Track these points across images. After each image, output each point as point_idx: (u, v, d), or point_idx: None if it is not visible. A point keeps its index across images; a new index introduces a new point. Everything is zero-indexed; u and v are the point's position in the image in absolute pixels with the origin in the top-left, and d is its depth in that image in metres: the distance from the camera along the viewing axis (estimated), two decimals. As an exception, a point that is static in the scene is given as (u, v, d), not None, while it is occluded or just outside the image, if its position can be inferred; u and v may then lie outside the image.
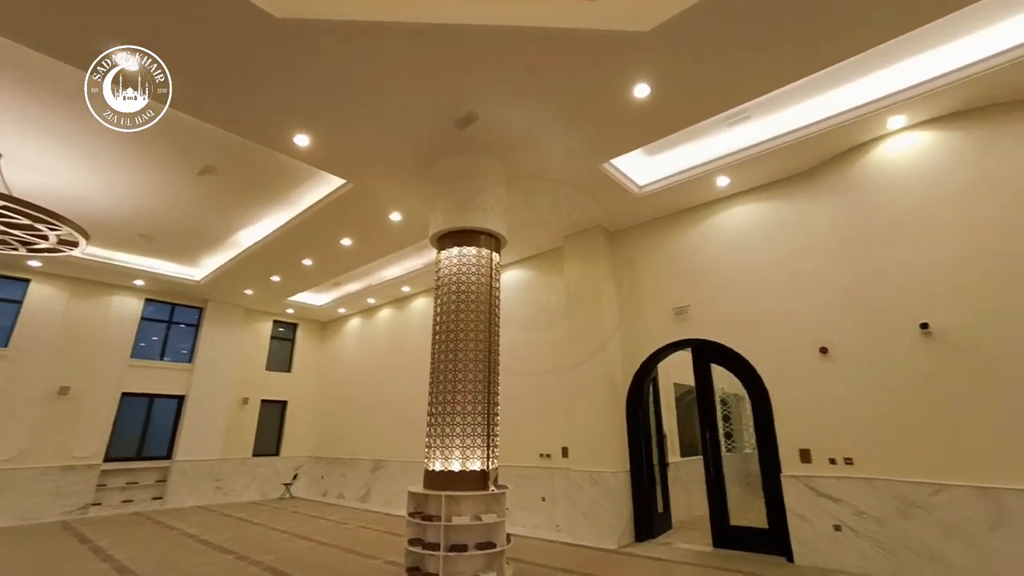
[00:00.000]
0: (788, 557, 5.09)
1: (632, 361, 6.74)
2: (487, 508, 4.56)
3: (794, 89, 4.82)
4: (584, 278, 7.13)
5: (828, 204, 5.50)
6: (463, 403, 4.73)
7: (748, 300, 5.88)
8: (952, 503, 4.20)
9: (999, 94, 4.56)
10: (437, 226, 5.37)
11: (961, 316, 4.42)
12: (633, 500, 6.29)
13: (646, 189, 6.28)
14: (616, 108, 4.67)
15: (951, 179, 4.71)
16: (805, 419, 5.25)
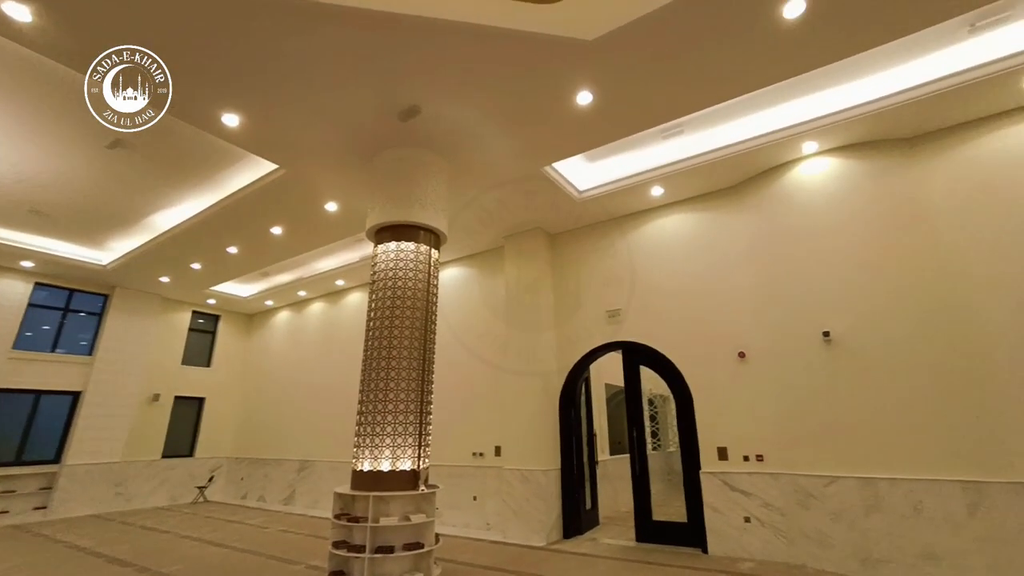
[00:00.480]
0: (703, 548, 5.41)
1: (566, 361, 6.90)
2: (417, 508, 4.49)
3: (723, 109, 5.14)
4: (523, 279, 7.21)
5: (749, 219, 5.92)
6: (395, 402, 4.63)
7: (676, 306, 6.20)
8: (840, 493, 4.65)
9: (891, 130, 5.10)
10: (375, 219, 5.21)
11: (853, 325, 4.90)
12: (562, 497, 6.43)
13: (586, 194, 6.44)
14: (559, 113, 4.76)
15: (849, 202, 5.21)
16: (723, 419, 5.61)
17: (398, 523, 4.26)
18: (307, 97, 4.57)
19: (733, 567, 4.91)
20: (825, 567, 4.65)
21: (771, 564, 4.92)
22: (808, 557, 4.79)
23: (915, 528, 4.29)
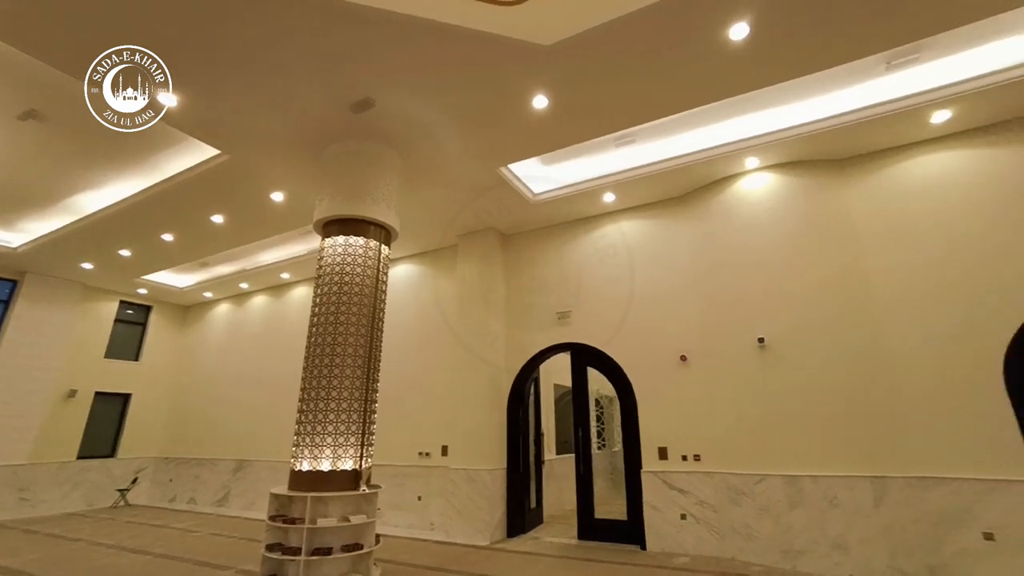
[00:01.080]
0: (642, 545, 5.60)
1: (516, 361, 6.96)
2: (357, 509, 4.39)
3: (673, 121, 5.35)
4: (475, 278, 7.21)
5: (694, 228, 6.19)
6: (338, 400, 4.50)
7: (624, 310, 6.39)
8: (768, 490, 4.95)
9: (823, 152, 5.49)
10: (323, 212, 5.06)
11: (784, 333, 5.23)
12: (507, 497, 6.47)
13: (540, 197, 6.53)
14: (516, 115, 4.81)
15: (784, 217, 5.57)
16: (665, 420, 5.83)
17: (337, 524, 4.15)
18: (254, 82, 4.37)
19: (668, 562, 5.11)
20: (751, 559, 4.94)
21: (703, 558, 5.16)
22: (736, 550, 5.07)
23: (830, 520, 4.63)
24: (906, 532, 4.43)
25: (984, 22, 4.11)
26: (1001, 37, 4.43)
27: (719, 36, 3.88)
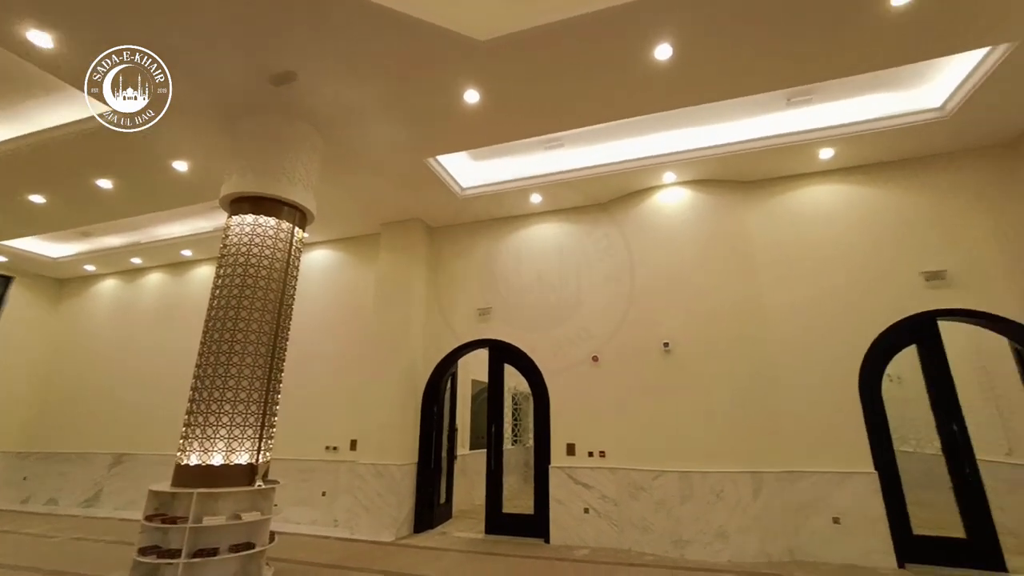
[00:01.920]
0: (546, 539, 5.77)
1: (434, 355, 6.88)
2: (252, 505, 4.12)
3: (600, 130, 5.58)
4: (397, 269, 7.03)
5: (614, 235, 6.46)
6: (236, 389, 4.19)
7: (543, 309, 6.55)
8: (664, 485, 5.31)
9: (731, 173, 5.97)
10: (232, 187, 4.68)
11: (685, 339, 5.62)
12: (417, 492, 6.39)
13: (468, 192, 6.51)
14: (447, 107, 4.75)
15: (693, 231, 5.98)
16: (575, 417, 6.05)
17: (227, 522, 3.86)
18: (154, 37, 3.92)
19: (569, 554, 5.32)
20: (645, 550, 5.27)
21: (603, 550, 5.42)
22: (633, 542, 5.38)
23: (715, 512, 5.06)
24: (774, 520, 4.96)
25: (862, 77, 4.69)
26: (876, 92, 5.09)
27: (645, 55, 4.09)
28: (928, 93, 4.98)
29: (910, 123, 5.05)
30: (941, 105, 4.92)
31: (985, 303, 5.01)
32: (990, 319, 5.01)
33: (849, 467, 5.00)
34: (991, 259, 5.14)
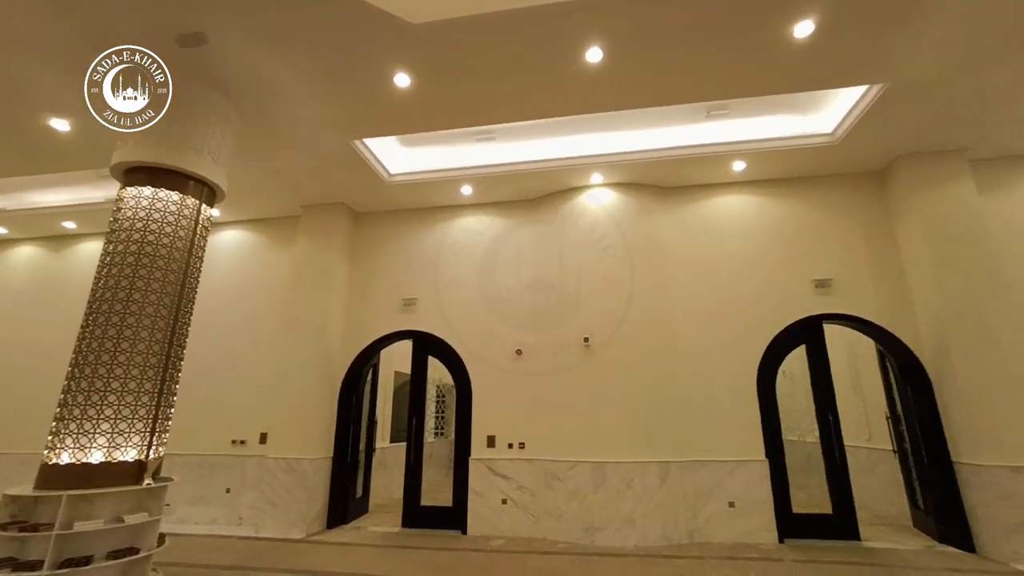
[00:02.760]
0: (463, 530, 5.79)
1: (355, 346, 6.65)
2: (138, 506, 3.74)
3: (532, 126, 5.64)
4: (317, 254, 6.69)
5: (542, 232, 6.56)
6: (124, 379, 3.78)
7: (468, 302, 6.53)
8: (578, 475, 5.51)
9: (653, 178, 6.27)
10: (127, 155, 4.19)
11: (603, 335, 5.85)
12: (331, 486, 6.16)
13: (396, 178, 6.32)
14: (377, 89, 4.57)
15: (615, 231, 6.20)
16: (497, 410, 6.10)
17: (105, 526, 3.48)
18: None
19: (485, 545, 5.38)
20: (558, 538, 5.44)
21: (518, 539, 5.53)
22: (547, 531, 5.54)
23: (624, 500, 5.33)
24: (676, 506, 5.33)
25: (772, 98, 5.11)
26: (783, 112, 5.56)
27: (577, 56, 4.17)
28: (823, 119, 5.51)
29: (807, 144, 5.57)
30: (832, 131, 5.47)
31: (857, 309, 5.68)
32: (860, 323, 5.68)
33: (744, 456, 5.47)
34: (862, 270, 5.82)
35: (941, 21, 3.87)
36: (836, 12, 3.78)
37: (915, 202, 5.59)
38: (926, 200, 5.54)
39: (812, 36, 3.99)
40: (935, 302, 5.31)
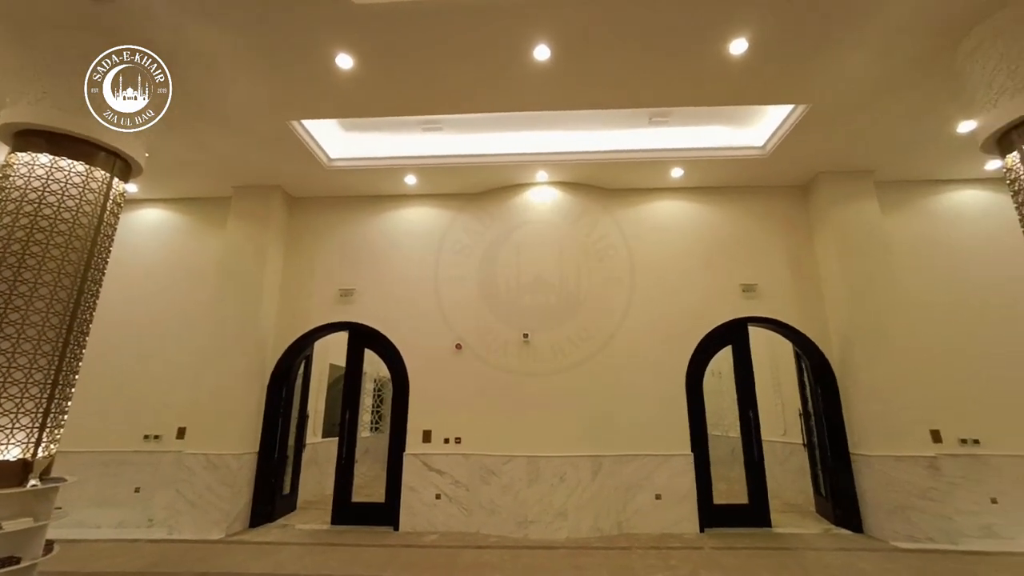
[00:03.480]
0: (395, 526, 5.69)
1: (287, 336, 6.34)
2: (22, 510, 3.37)
3: (480, 119, 5.58)
4: (249, 238, 6.31)
5: (486, 227, 6.52)
6: (7, 368, 3.38)
7: (409, 294, 6.40)
8: (513, 469, 5.55)
9: (596, 179, 6.39)
10: (17, 116, 3.74)
11: (541, 331, 5.92)
12: (256, 483, 5.85)
13: (336, 163, 6.06)
14: (317, 69, 4.35)
15: (554, 229, 6.29)
16: (434, 404, 6.03)
17: (-21, 534, 3.11)
18: None
19: (417, 540, 5.31)
20: (491, 532, 5.47)
21: (452, 534, 5.50)
22: (481, 525, 5.55)
23: (557, 493, 5.43)
24: (608, 498, 5.50)
25: (710, 109, 5.35)
26: (720, 124, 5.84)
27: (523, 51, 4.15)
28: (756, 133, 5.84)
29: (740, 156, 5.88)
30: (763, 145, 5.80)
31: (778, 313, 6.09)
32: (780, 326, 6.10)
33: (672, 450, 5.72)
34: (785, 277, 6.25)
35: (855, 53, 4.19)
36: (768, 34, 3.99)
37: (830, 216, 6.06)
38: (839, 215, 6.01)
39: (746, 54, 4.20)
40: (843, 309, 5.79)
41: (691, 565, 4.48)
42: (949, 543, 4.94)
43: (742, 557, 4.69)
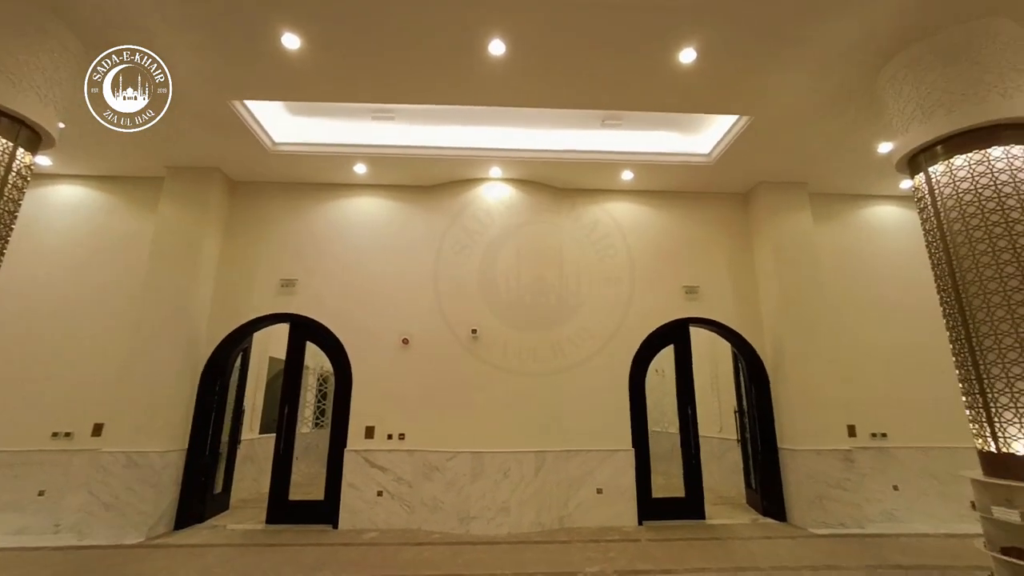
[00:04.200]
0: (334, 525, 5.52)
1: (223, 327, 6.00)
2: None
3: (432, 112, 5.48)
4: (184, 223, 5.91)
5: (437, 221, 6.42)
6: None
7: (354, 287, 6.21)
8: (457, 465, 5.52)
9: (548, 178, 6.44)
10: (-96, 72, 3.32)
11: (491, 328, 5.92)
12: (183, 482, 5.50)
13: (281, 148, 5.79)
14: (262, 48, 4.13)
15: (509, 227, 6.27)
16: (379, 399, 5.89)
17: None
18: None
19: (356, 539, 5.18)
20: (433, 528, 5.41)
21: (392, 532, 5.40)
22: (423, 522, 5.49)
23: (501, 488, 5.44)
24: (551, 493, 5.57)
25: (661, 115, 5.50)
26: (670, 130, 6.02)
27: (478, 45, 4.11)
28: (703, 141, 6.06)
29: (687, 162, 6.10)
30: (709, 152, 6.05)
31: (719, 315, 6.38)
32: (720, 327, 6.39)
33: (614, 445, 5.87)
34: (726, 281, 6.55)
35: (794, 72, 4.44)
36: (715, 46, 4.15)
37: (767, 225, 6.40)
38: (775, 224, 6.36)
39: (695, 64, 4.34)
40: (776, 313, 6.14)
41: (628, 557, 4.62)
42: (858, 528, 5.38)
43: (675, 548, 4.88)
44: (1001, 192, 3.46)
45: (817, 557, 4.60)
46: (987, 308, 3.40)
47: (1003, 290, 3.34)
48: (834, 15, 3.81)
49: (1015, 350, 3.25)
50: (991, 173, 3.51)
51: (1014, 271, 3.32)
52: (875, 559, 4.55)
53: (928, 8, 3.74)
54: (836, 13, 3.79)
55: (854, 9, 3.76)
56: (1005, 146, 3.53)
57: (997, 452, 3.33)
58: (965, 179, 3.63)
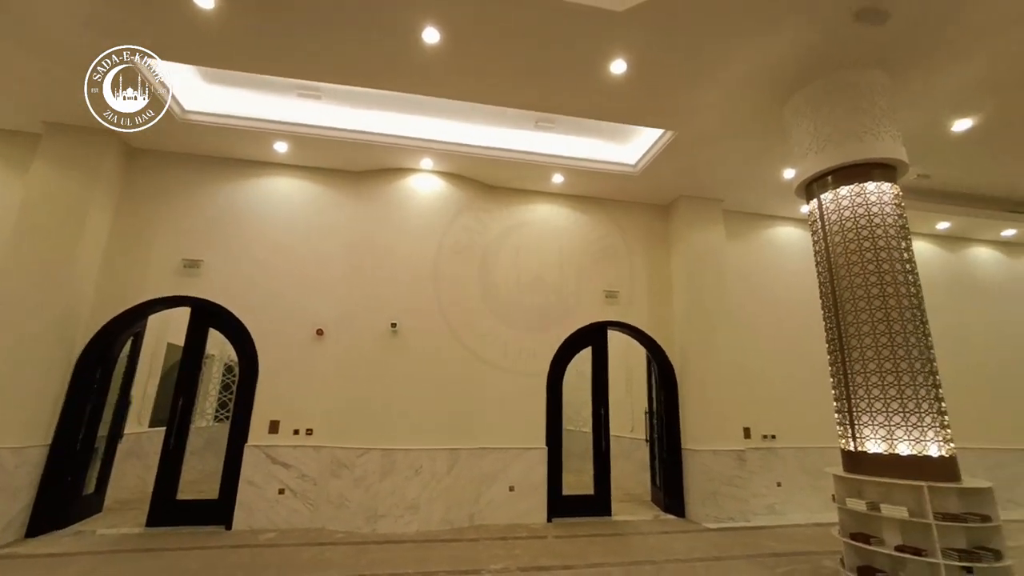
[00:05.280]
0: (228, 525, 5.15)
1: (108, 310, 5.39)
2: None
3: (363, 95, 5.27)
4: (65, 188, 5.25)
5: (360, 208, 6.19)
6: None
7: (266, 272, 5.83)
8: (367, 462, 5.34)
9: (479, 174, 6.40)
10: None
11: (411, 323, 5.78)
12: (42, 483, 4.84)
13: (191, 116, 5.31)
14: (174, 5, 3.75)
15: (435, 220, 6.17)
16: (287, 392, 5.56)
17: None
18: None
19: (252, 539, 4.86)
20: (338, 527, 5.20)
21: (293, 532, 5.12)
22: (327, 520, 5.25)
23: (411, 486, 5.33)
24: (462, 491, 5.54)
25: (591, 122, 5.64)
26: (600, 137, 6.19)
27: (412, 31, 4.00)
28: (630, 151, 6.30)
29: (614, 170, 6.32)
30: (635, 163, 6.30)
31: (635, 320, 6.67)
32: (635, 332, 6.68)
33: (528, 444, 5.95)
34: (643, 288, 6.87)
35: (712, 93, 4.73)
36: (642, 60, 4.32)
37: (683, 237, 6.79)
38: (690, 237, 6.76)
39: (625, 75, 4.50)
40: (684, 320, 6.53)
41: (532, 553, 4.69)
42: (744, 521, 5.85)
43: (580, 544, 5.03)
44: (872, 222, 3.91)
45: (707, 549, 4.94)
46: (856, 324, 3.82)
47: (868, 308, 3.77)
48: (752, 37, 4.04)
49: (874, 361, 3.68)
50: (866, 204, 3.96)
51: (877, 292, 3.75)
52: (755, 548, 4.98)
53: (824, 50, 4.13)
54: (753, 37, 4.04)
55: (769, 38, 4.04)
56: (876, 182, 3.99)
57: (854, 451, 3.75)
58: (847, 208, 4.05)
